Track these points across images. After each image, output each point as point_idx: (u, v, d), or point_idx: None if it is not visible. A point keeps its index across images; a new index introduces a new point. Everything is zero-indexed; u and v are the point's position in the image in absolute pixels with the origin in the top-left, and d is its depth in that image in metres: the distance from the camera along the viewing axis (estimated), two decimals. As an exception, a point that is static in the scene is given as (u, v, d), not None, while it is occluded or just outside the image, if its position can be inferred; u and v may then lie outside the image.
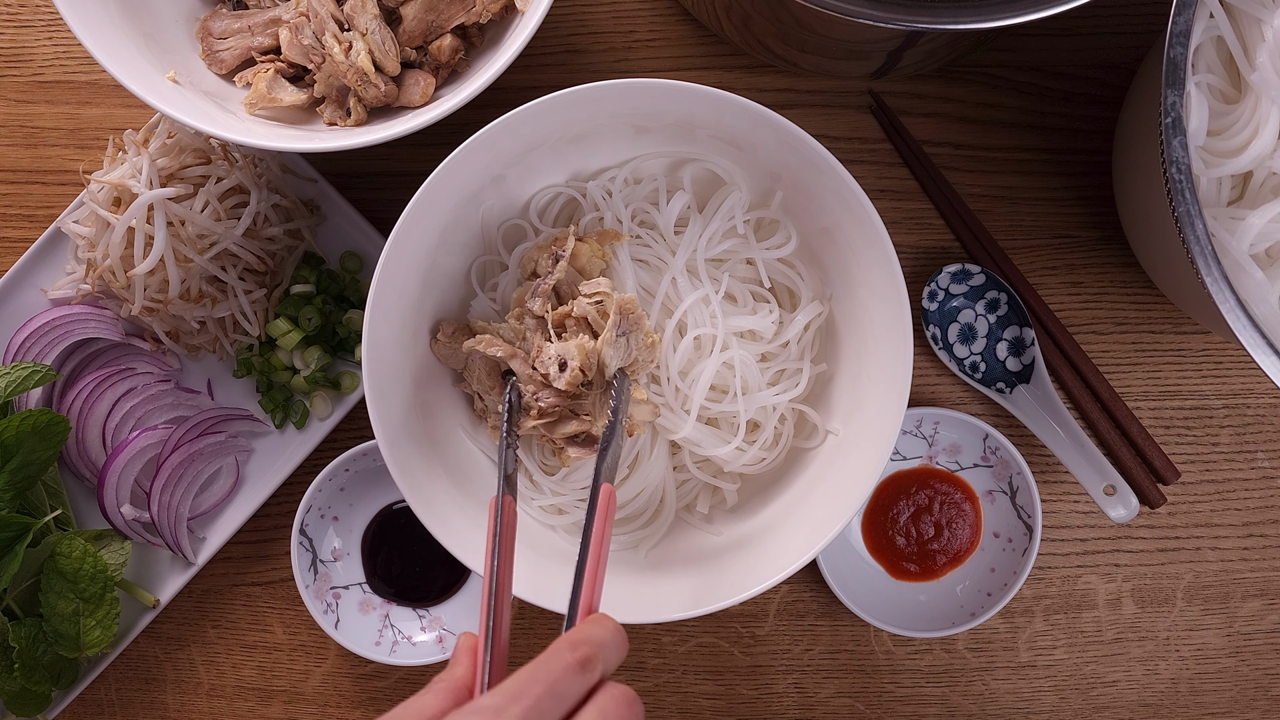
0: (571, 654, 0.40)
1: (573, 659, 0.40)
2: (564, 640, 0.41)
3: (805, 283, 0.64)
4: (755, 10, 0.62)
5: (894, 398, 0.57)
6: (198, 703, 0.74)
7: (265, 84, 0.63)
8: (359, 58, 0.62)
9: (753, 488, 0.65)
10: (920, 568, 0.72)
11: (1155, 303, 0.74)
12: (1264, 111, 0.54)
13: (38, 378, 0.66)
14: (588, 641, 0.41)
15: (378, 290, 0.56)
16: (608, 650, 0.42)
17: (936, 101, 0.73)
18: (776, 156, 0.59)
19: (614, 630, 0.43)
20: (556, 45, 0.74)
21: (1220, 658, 0.74)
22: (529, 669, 0.39)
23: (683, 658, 0.74)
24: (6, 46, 0.75)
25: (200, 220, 0.65)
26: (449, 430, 0.63)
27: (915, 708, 0.74)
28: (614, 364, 0.58)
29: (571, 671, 0.40)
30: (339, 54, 0.62)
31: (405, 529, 0.72)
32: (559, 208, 0.65)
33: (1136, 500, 0.70)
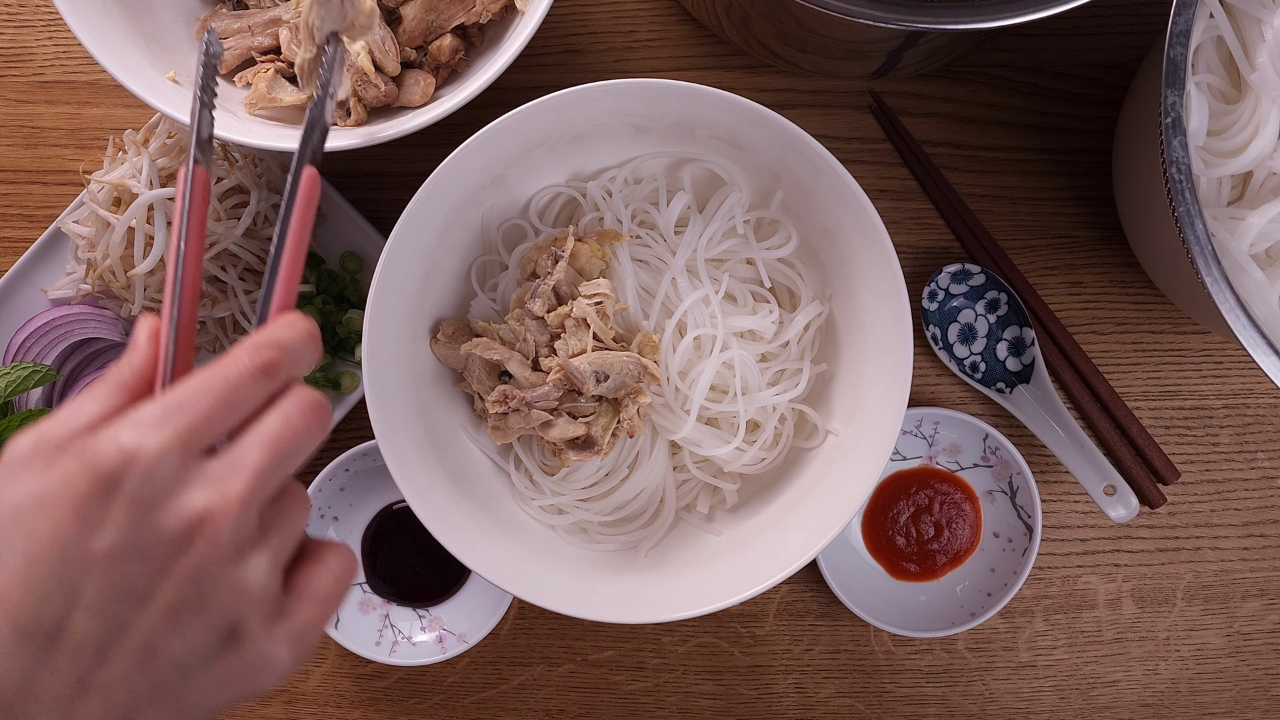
0: (252, 359, 0.37)
1: (253, 364, 0.36)
2: (245, 344, 0.37)
3: (805, 283, 0.64)
4: (755, 10, 0.62)
5: (894, 398, 0.57)
6: (198, 703, 0.74)
7: (265, 84, 0.63)
8: (359, 58, 0.62)
9: (753, 488, 0.65)
10: (920, 568, 0.72)
11: (1155, 303, 0.74)
12: (1264, 111, 0.54)
13: (38, 378, 0.66)
14: (273, 344, 0.37)
15: (378, 290, 0.56)
16: (295, 354, 0.38)
17: (936, 101, 0.73)
18: (776, 156, 0.59)
19: (305, 331, 0.39)
20: (556, 45, 0.74)
21: (1220, 658, 0.74)
22: (202, 375, 0.36)
23: (683, 658, 0.74)
24: (6, 46, 0.75)
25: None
26: (449, 430, 0.63)
27: (915, 708, 0.74)
28: (324, 26, 0.53)
29: (251, 377, 0.36)
30: None
31: (405, 529, 0.72)
32: (559, 208, 0.65)
33: (1136, 500, 0.70)
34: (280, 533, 0.37)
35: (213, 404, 0.35)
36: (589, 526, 0.64)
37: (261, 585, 0.36)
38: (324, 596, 0.38)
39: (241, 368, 0.36)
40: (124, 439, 0.33)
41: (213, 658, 0.35)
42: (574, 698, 0.74)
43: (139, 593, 0.33)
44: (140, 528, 0.33)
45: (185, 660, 0.34)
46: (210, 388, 0.35)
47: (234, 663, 0.35)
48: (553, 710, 0.74)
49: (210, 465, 0.35)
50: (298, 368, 0.39)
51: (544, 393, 0.60)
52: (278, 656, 0.36)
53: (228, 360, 0.36)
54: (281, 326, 0.39)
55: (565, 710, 0.74)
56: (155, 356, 0.39)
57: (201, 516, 0.34)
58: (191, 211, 0.42)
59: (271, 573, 0.36)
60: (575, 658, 0.74)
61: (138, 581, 0.33)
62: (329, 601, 0.38)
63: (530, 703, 0.74)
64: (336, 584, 0.39)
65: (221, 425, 0.36)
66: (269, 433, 0.36)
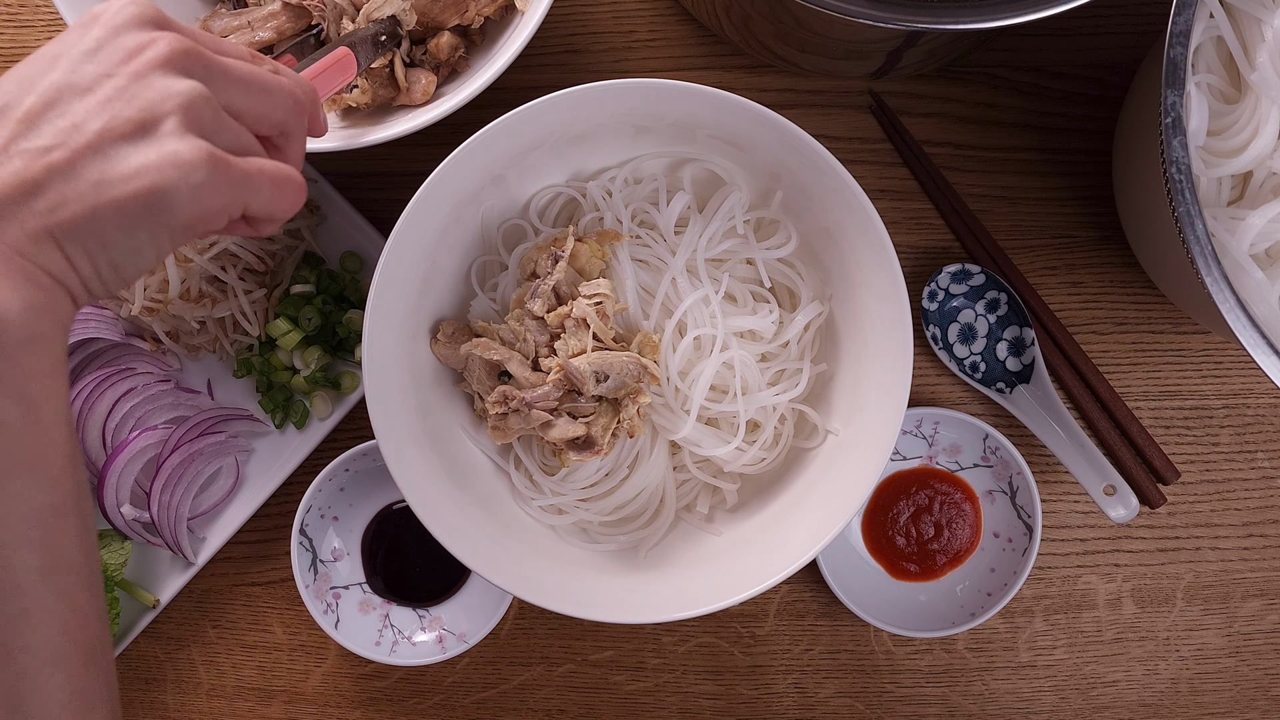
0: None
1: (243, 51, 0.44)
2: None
3: (805, 283, 0.64)
4: (755, 10, 0.62)
5: (894, 398, 0.57)
6: (198, 703, 0.74)
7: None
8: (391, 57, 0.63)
9: (753, 488, 0.65)
10: (920, 568, 0.72)
11: (1155, 303, 0.74)
12: (1264, 111, 0.54)
13: (38, 378, 0.66)
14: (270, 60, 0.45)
15: (378, 290, 0.56)
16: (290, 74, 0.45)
17: (936, 101, 0.73)
18: (776, 156, 0.59)
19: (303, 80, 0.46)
20: (556, 45, 0.74)
21: (1220, 658, 0.74)
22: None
23: (683, 658, 0.74)
24: (6, 46, 0.75)
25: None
26: (449, 430, 0.63)
27: (915, 708, 0.74)
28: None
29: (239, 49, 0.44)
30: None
31: (405, 529, 0.72)
32: (559, 208, 0.65)
33: (1136, 500, 0.70)
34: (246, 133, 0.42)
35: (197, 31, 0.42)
36: (589, 526, 0.64)
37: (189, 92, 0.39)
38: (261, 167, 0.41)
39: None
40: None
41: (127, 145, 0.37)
42: (574, 698, 0.74)
43: (84, 86, 0.38)
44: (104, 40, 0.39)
45: (103, 142, 0.37)
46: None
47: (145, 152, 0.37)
48: (553, 710, 0.74)
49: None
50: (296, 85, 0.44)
51: (544, 393, 0.60)
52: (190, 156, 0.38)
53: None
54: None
55: (565, 710, 0.74)
56: None
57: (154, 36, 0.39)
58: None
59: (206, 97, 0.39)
60: (575, 658, 0.74)
61: (85, 76, 0.38)
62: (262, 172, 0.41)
63: (530, 703, 0.74)
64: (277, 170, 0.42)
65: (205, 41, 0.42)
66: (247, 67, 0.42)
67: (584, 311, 0.59)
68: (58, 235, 0.36)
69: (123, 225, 0.37)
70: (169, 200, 0.37)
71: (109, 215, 0.37)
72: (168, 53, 0.39)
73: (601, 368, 0.58)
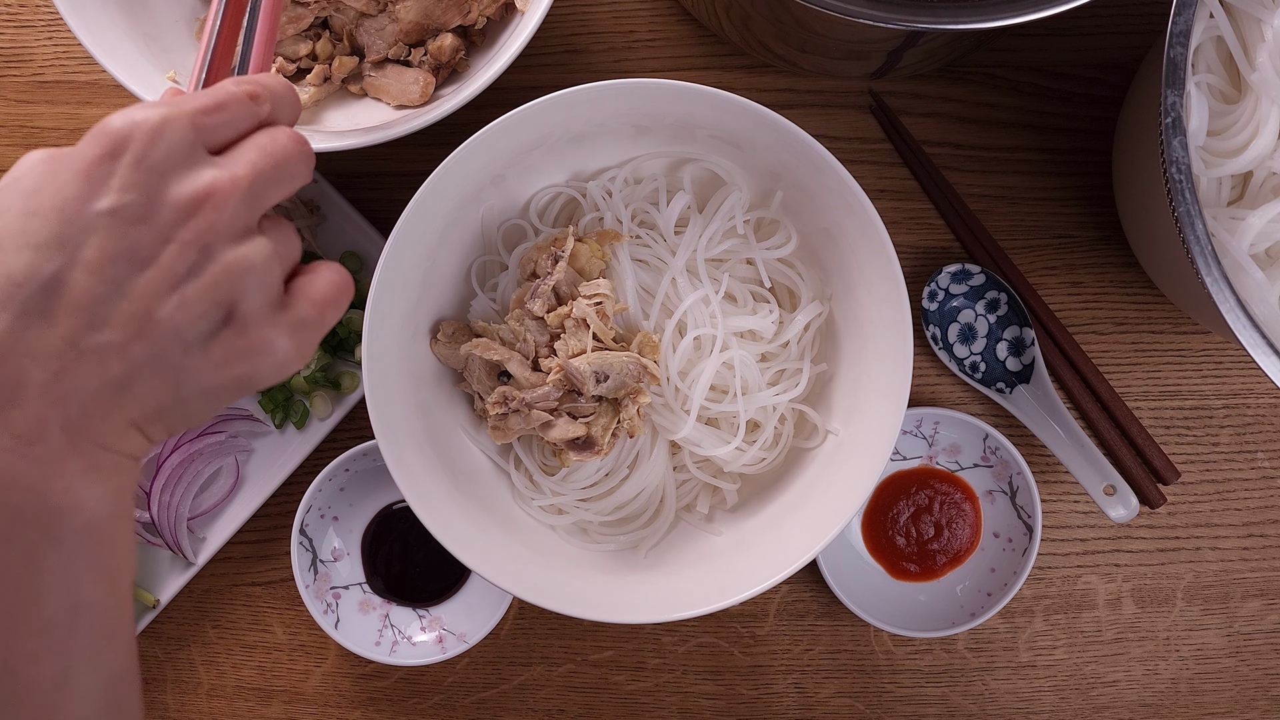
0: (238, 85, 0.37)
1: (240, 89, 0.37)
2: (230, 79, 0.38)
3: (805, 283, 0.64)
4: (755, 10, 0.62)
5: (894, 398, 0.57)
6: (198, 703, 0.74)
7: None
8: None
9: (753, 488, 0.65)
10: (920, 568, 0.72)
11: (1155, 303, 0.74)
12: (1264, 111, 0.54)
13: (38, 378, 0.66)
14: (255, 81, 0.38)
15: (378, 290, 0.56)
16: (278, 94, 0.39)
17: (936, 101, 0.73)
18: (776, 156, 0.59)
19: (286, 84, 0.40)
20: (556, 45, 0.74)
21: (1220, 658, 0.74)
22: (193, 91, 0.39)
23: (683, 658, 0.74)
24: (6, 46, 0.75)
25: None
26: (449, 430, 0.63)
27: (915, 708, 0.74)
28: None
29: (239, 98, 0.37)
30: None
31: (405, 529, 0.72)
32: (559, 208, 0.65)
33: (1136, 500, 0.70)
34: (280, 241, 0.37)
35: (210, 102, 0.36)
36: (589, 526, 0.64)
37: (264, 263, 0.35)
38: (322, 298, 0.38)
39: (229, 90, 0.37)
40: (135, 113, 0.34)
41: (211, 333, 0.34)
42: (574, 698, 0.74)
43: (141, 256, 0.33)
44: (146, 190, 0.33)
45: (183, 330, 0.34)
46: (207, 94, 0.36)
47: (233, 342, 0.35)
48: (553, 710, 0.74)
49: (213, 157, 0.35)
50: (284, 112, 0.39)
51: (544, 393, 0.60)
52: (278, 341, 0.36)
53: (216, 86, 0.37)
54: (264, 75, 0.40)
55: (565, 710, 0.74)
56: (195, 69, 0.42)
57: (209, 188, 0.34)
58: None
59: (274, 258, 0.36)
60: (575, 658, 0.74)
61: (140, 245, 0.33)
62: (327, 304, 0.38)
63: (530, 703, 0.74)
64: (334, 289, 0.38)
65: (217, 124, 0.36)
66: (261, 142, 0.36)
67: (584, 311, 0.59)
68: (142, 425, 0.35)
69: (208, 407, 0.36)
70: (257, 382, 0.36)
71: (196, 402, 0.35)
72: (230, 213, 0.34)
73: (601, 368, 0.58)
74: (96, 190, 0.33)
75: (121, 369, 0.33)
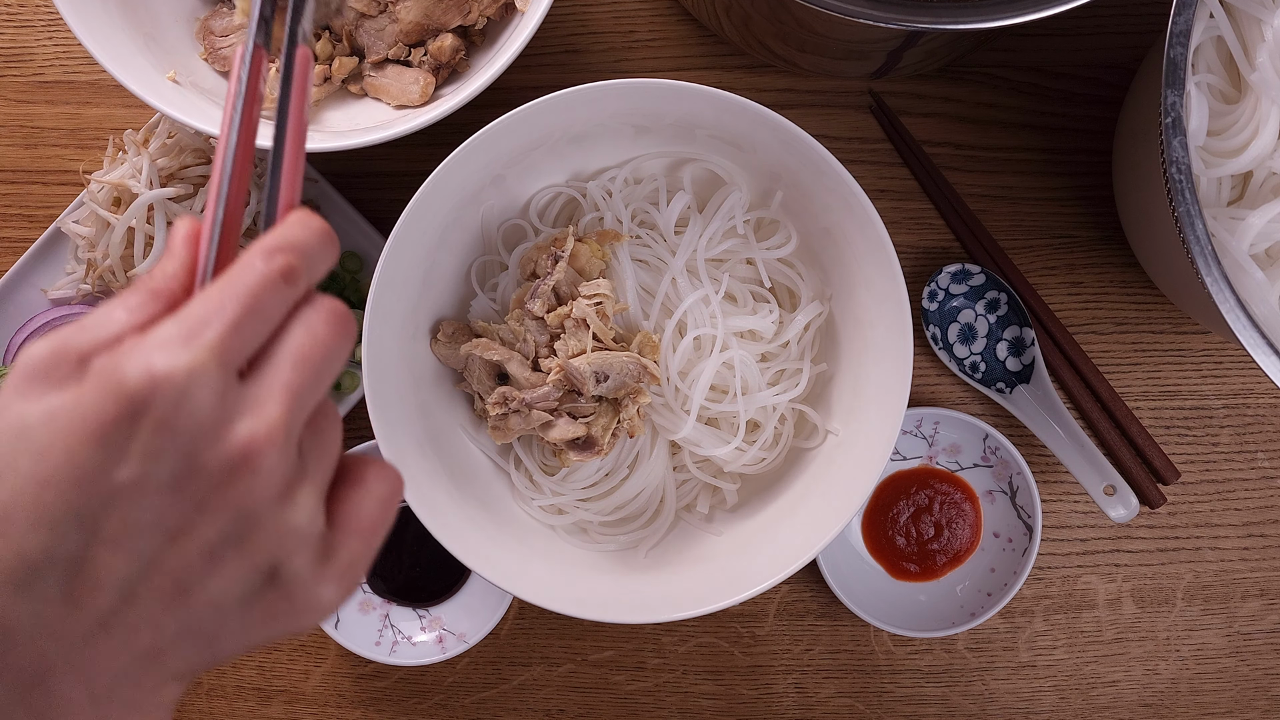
0: (269, 264, 0.32)
1: (270, 269, 0.32)
2: (257, 248, 0.32)
3: (805, 283, 0.64)
4: (755, 10, 0.62)
5: (894, 398, 0.57)
6: (198, 703, 0.74)
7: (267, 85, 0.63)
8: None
9: (753, 488, 0.65)
10: (920, 568, 0.72)
11: (1155, 303, 0.74)
12: (1264, 111, 0.54)
13: (38, 378, 0.66)
14: (288, 247, 0.33)
15: (378, 290, 0.56)
16: (312, 256, 0.34)
17: (936, 101, 0.73)
18: (776, 156, 0.59)
19: (319, 230, 0.34)
20: (556, 45, 0.74)
21: (1220, 658, 0.74)
22: (220, 285, 0.31)
23: (683, 658, 0.74)
24: (6, 46, 0.75)
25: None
26: (449, 430, 0.63)
27: (915, 708, 0.74)
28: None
29: (271, 286, 0.32)
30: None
31: (405, 529, 0.72)
32: (559, 208, 0.65)
33: (1136, 500, 0.70)
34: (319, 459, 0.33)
35: (239, 315, 0.31)
36: (589, 526, 0.64)
37: (308, 522, 0.32)
38: (369, 527, 0.34)
39: (260, 274, 0.32)
40: (154, 360, 0.29)
41: (252, 599, 0.32)
42: (574, 698, 0.74)
43: (172, 529, 0.30)
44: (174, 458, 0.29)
45: (221, 601, 0.31)
46: (233, 296, 0.31)
47: (276, 603, 0.32)
48: (553, 710, 0.74)
49: (246, 389, 0.31)
50: (317, 271, 0.34)
51: (544, 393, 0.60)
52: (324, 597, 0.33)
53: (243, 267, 0.32)
54: (293, 227, 0.34)
55: (565, 710, 0.74)
56: (193, 262, 0.34)
57: (244, 448, 0.30)
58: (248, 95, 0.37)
59: (318, 508, 0.33)
60: (575, 658, 0.74)
61: (170, 516, 0.30)
62: (374, 531, 0.34)
63: (530, 703, 0.74)
64: (382, 509, 0.35)
65: (251, 339, 0.31)
66: (298, 348, 0.32)
67: (584, 311, 0.59)
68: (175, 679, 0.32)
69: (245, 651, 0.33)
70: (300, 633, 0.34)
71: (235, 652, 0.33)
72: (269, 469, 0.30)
73: (601, 368, 0.58)
74: (116, 458, 0.29)
75: (153, 641, 0.31)
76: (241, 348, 0.31)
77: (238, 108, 0.37)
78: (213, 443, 0.30)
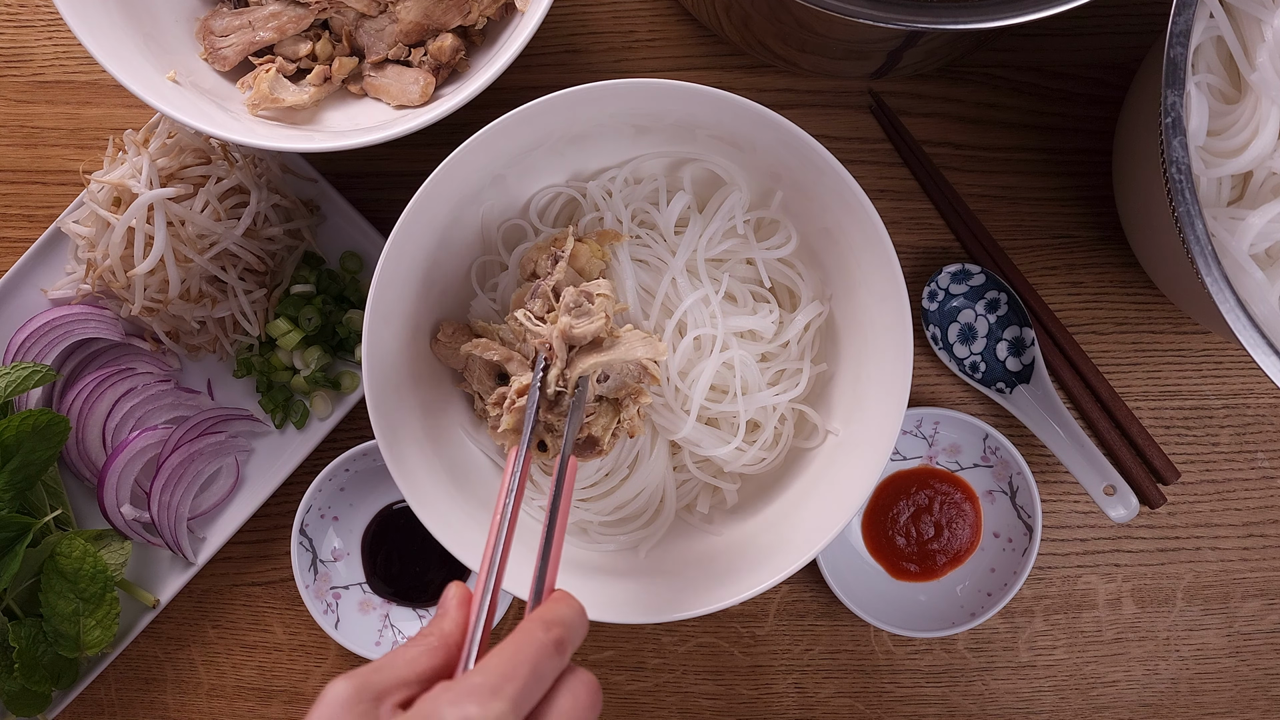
0: (546, 634, 0.41)
1: (548, 640, 0.41)
2: (537, 619, 0.41)
3: (805, 283, 0.64)
4: (755, 10, 0.62)
5: (894, 398, 0.57)
6: (198, 703, 0.74)
7: (268, 85, 0.63)
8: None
9: (753, 488, 0.65)
10: (920, 568, 0.72)
11: (1155, 303, 0.74)
12: (1264, 111, 0.54)
13: (38, 378, 0.66)
14: (560, 622, 0.42)
15: (378, 290, 0.56)
16: (575, 631, 0.43)
17: (936, 101, 0.73)
18: (776, 156, 0.59)
19: (579, 610, 0.44)
20: (556, 45, 0.74)
21: (1220, 658, 0.74)
22: (510, 647, 0.40)
23: (683, 658, 0.74)
24: (6, 46, 0.75)
25: (200, 220, 0.66)
26: (449, 430, 0.63)
27: (915, 708, 0.74)
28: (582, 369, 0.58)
29: (549, 653, 0.40)
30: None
31: (405, 529, 0.72)
32: (559, 208, 0.65)
33: (1136, 500, 0.70)
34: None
35: (529, 674, 0.39)
36: (589, 527, 0.64)
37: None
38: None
39: (541, 644, 0.40)
40: (468, 709, 0.36)
41: None
42: (574, 698, 0.74)
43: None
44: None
45: None
46: (523, 658, 0.39)
47: None
48: (553, 710, 0.74)
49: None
50: (576, 642, 0.43)
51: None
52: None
53: (527, 635, 0.40)
54: (560, 605, 0.43)
55: (565, 710, 0.74)
56: (465, 622, 0.43)
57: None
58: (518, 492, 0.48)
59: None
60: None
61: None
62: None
63: (530, 703, 0.74)
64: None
65: (536, 695, 0.39)
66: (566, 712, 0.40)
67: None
68: None
69: None
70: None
71: None
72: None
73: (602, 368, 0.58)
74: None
75: None
76: (530, 700, 0.39)
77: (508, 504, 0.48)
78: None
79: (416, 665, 0.40)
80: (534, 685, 0.39)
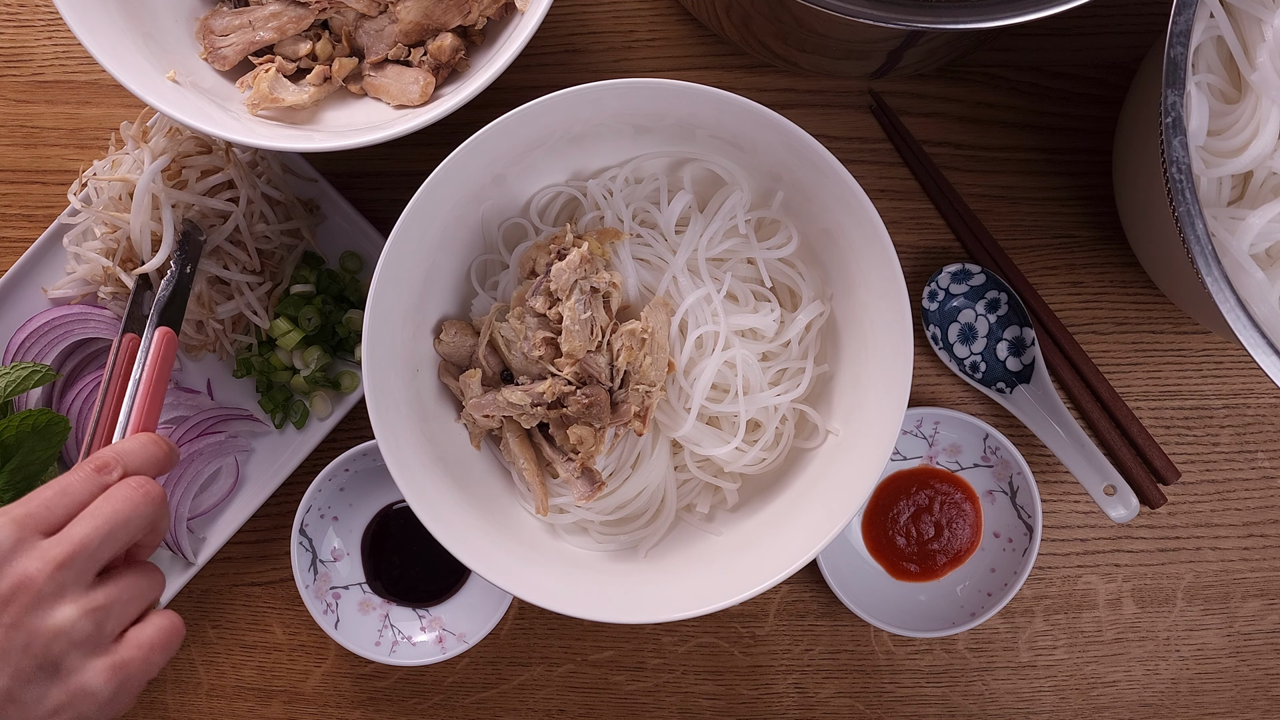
0: (86, 461, 0.48)
1: (88, 466, 0.48)
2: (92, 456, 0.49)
3: (806, 282, 0.64)
4: (755, 10, 0.62)
5: (894, 398, 0.57)
6: (198, 703, 0.74)
7: (267, 84, 0.63)
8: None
9: (753, 488, 0.65)
10: (920, 568, 0.72)
11: (1155, 303, 0.74)
12: (1264, 111, 0.54)
13: (38, 378, 0.66)
14: (108, 450, 0.49)
15: (378, 290, 0.56)
16: (130, 455, 0.49)
17: (936, 101, 0.73)
18: (777, 156, 0.59)
19: (145, 440, 0.50)
20: (556, 45, 0.74)
21: (1220, 658, 0.74)
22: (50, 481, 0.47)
23: (683, 658, 0.74)
24: (6, 46, 0.75)
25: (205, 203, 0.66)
26: (449, 430, 0.63)
27: (915, 708, 0.74)
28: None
29: (84, 476, 0.47)
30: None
31: (405, 529, 0.72)
32: (559, 207, 0.65)
33: (1136, 500, 0.70)
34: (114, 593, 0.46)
35: (49, 495, 0.46)
36: (589, 526, 0.64)
37: (71, 624, 0.44)
38: (148, 641, 0.47)
39: (79, 470, 0.47)
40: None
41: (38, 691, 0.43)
42: (574, 698, 0.74)
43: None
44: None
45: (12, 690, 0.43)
46: (48, 485, 0.46)
47: (57, 692, 0.43)
48: (553, 710, 0.74)
49: (43, 541, 0.45)
50: (134, 464, 0.49)
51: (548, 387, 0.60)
52: (95, 684, 0.44)
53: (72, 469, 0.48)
54: (124, 440, 0.51)
55: (565, 710, 0.74)
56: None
57: (23, 577, 0.43)
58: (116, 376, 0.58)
59: (83, 615, 0.44)
60: (575, 658, 0.74)
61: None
62: (153, 647, 0.47)
63: (530, 703, 0.74)
64: (161, 633, 0.47)
65: (58, 510, 0.46)
66: (95, 511, 0.46)
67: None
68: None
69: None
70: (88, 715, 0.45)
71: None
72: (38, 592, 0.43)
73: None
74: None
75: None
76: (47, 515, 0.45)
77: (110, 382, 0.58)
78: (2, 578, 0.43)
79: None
80: (55, 501, 0.46)
